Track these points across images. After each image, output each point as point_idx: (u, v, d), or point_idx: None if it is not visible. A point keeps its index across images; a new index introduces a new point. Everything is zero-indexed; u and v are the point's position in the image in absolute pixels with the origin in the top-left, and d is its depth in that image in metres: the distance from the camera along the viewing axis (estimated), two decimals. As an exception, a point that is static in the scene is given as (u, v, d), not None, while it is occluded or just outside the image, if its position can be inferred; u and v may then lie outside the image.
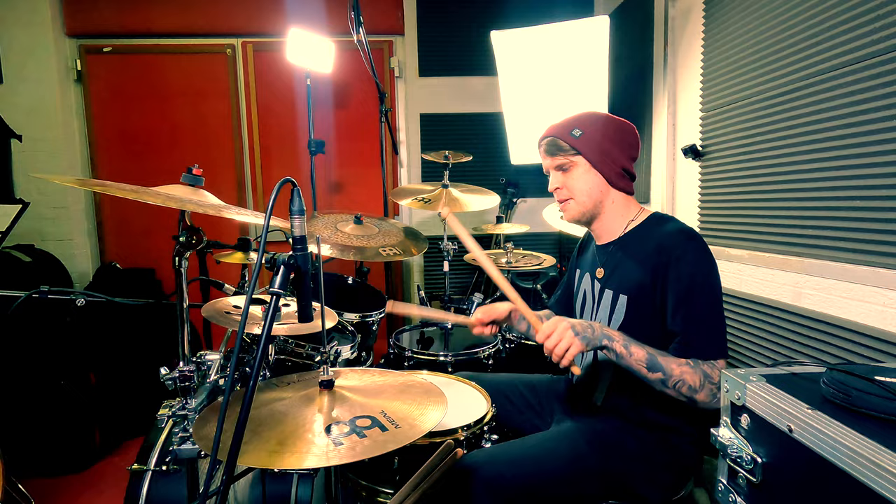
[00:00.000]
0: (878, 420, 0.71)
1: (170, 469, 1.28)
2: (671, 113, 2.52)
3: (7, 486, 1.62)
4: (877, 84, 1.40)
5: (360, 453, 0.86)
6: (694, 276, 1.16)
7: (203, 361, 1.24)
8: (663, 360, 1.13)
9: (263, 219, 0.86)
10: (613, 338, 1.15)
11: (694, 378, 1.11)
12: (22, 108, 3.20)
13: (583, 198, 1.31)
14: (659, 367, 1.12)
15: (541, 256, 2.58)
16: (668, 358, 1.14)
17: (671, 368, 1.12)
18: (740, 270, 1.99)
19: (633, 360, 1.13)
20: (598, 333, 1.14)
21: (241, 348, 1.70)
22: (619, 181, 1.30)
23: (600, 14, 2.87)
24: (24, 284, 2.27)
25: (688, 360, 1.13)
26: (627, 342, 1.14)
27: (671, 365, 1.12)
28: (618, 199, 1.32)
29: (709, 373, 1.12)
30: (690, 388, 1.11)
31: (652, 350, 1.14)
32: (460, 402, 1.44)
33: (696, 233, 1.23)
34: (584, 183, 1.30)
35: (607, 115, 1.32)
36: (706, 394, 1.11)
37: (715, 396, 1.11)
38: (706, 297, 1.16)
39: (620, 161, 1.29)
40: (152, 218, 3.40)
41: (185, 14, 3.35)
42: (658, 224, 1.28)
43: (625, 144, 1.30)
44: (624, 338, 1.15)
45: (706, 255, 1.19)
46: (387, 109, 2.84)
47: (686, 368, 1.12)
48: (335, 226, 2.13)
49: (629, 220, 1.32)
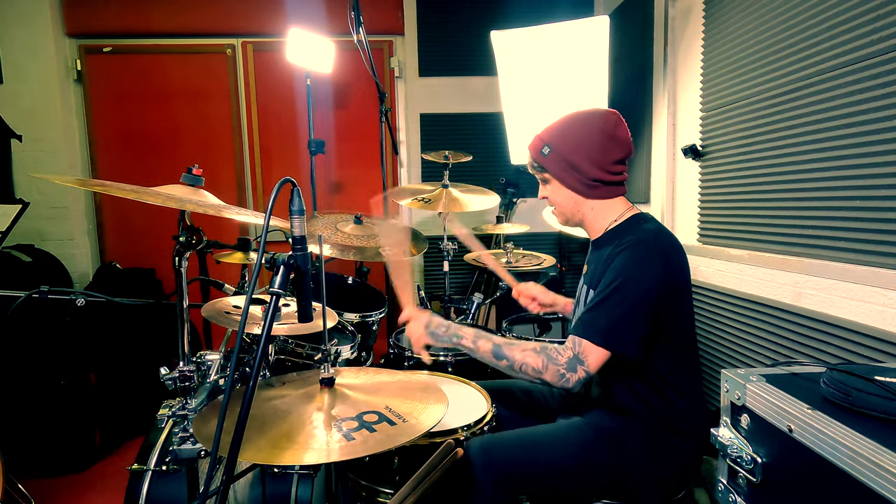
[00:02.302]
0: (878, 420, 0.71)
1: (170, 469, 1.28)
2: (671, 113, 2.52)
3: (7, 486, 1.61)
4: (877, 84, 1.40)
5: (374, 447, 0.87)
6: (614, 272, 1.18)
7: (203, 361, 1.24)
8: (507, 349, 1.23)
9: (263, 219, 0.86)
10: (463, 336, 1.28)
11: (536, 361, 1.18)
12: (22, 108, 3.20)
13: (561, 208, 1.36)
14: (503, 356, 1.23)
15: (541, 256, 2.58)
16: (514, 346, 1.23)
17: (513, 355, 1.21)
18: (740, 270, 1.99)
19: (481, 353, 1.26)
20: (450, 332, 1.29)
21: (241, 348, 1.70)
22: (591, 192, 1.29)
23: (600, 14, 2.87)
24: (24, 284, 2.26)
25: (535, 345, 1.21)
26: (477, 338, 1.27)
27: (514, 352, 1.21)
28: (597, 205, 1.32)
29: (553, 356, 1.17)
30: (535, 370, 1.18)
31: (499, 341, 1.26)
32: (460, 402, 1.44)
33: (656, 237, 1.22)
34: (559, 196, 1.34)
35: (582, 122, 1.29)
36: (552, 374, 1.17)
37: (563, 377, 1.16)
38: (618, 291, 1.16)
39: (589, 173, 1.26)
40: (152, 218, 3.40)
41: (185, 14, 3.35)
42: (633, 225, 1.29)
43: (596, 153, 1.26)
44: (475, 335, 1.28)
45: (645, 258, 1.18)
46: (387, 109, 2.83)
47: (529, 353, 1.20)
48: (335, 226, 2.13)
49: (611, 220, 1.32)
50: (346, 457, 0.85)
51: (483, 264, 2.61)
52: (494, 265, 1.88)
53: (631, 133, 1.31)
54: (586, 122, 1.28)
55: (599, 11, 3.37)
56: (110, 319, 2.65)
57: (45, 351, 2.37)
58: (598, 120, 1.27)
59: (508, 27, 2.59)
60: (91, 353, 2.50)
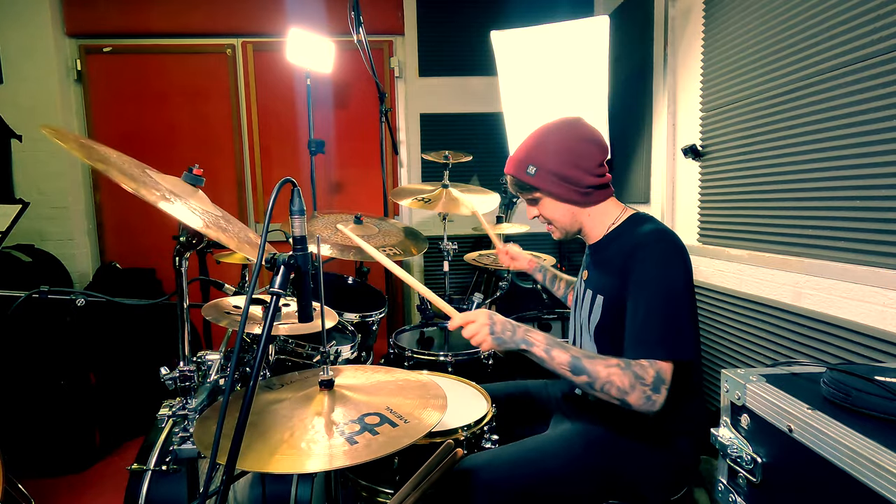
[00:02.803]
0: (878, 420, 0.71)
1: (170, 469, 1.27)
2: (671, 113, 2.52)
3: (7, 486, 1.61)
4: (877, 84, 1.40)
5: (377, 450, 0.85)
6: (649, 277, 1.15)
7: (203, 361, 1.24)
8: (589, 363, 1.10)
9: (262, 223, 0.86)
10: (533, 342, 1.14)
11: (623, 380, 1.08)
12: (22, 108, 3.20)
13: (559, 223, 1.33)
14: (584, 371, 1.10)
15: (541, 256, 2.58)
16: (597, 360, 1.11)
17: (597, 371, 1.09)
18: (740, 270, 1.99)
19: (555, 364, 1.12)
20: (517, 337, 1.14)
21: (241, 348, 1.70)
22: (587, 199, 1.29)
23: (600, 14, 2.86)
24: (24, 284, 2.27)
25: (619, 361, 1.10)
26: (550, 347, 1.13)
27: (597, 367, 1.10)
28: (594, 210, 1.31)
29: (640, 374, 1.07)
30: (620, 389, 1.08)
31: (579, 353, 1.13)
32: (460, 402, 1.44)
33: (669, 234, 1.21)
34: (555, 212, 1.31)
35: (558, 133, 1.28)
36: (637, 396, 1.07)
37: (649, 399, 1.07)
38: (656, 297, 1.14)
39: (583, 181, 1.26)
40: (152, 218, 3.40)
41: (185, 14, 3.35)
42: (635, 225, 1.28)
43: (583, 160, 1.25)
44: (547, 342, 1.14)
45: (669, 257, 1.17)
46: (387, 109, 2.84)
47: (615, 370, 1.09)
48: (335, 226, 2.13)
49: (610, 223, 1.32)
50: (350, 462, 0.83)
51: (482, 264, 2.62)
52: (487, 228, 1.89)
53: (631, 133, 1.31)
54: (562, 132, 1.27)
55: (599, 11, 3.37)
56: (110, 319, 2.65)
57: (45, 351, 2.37)
58: (572, 128, 1.27)
59: (508, 27, 2.59)
60: (91, 353, 2.50)
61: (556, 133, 1.28)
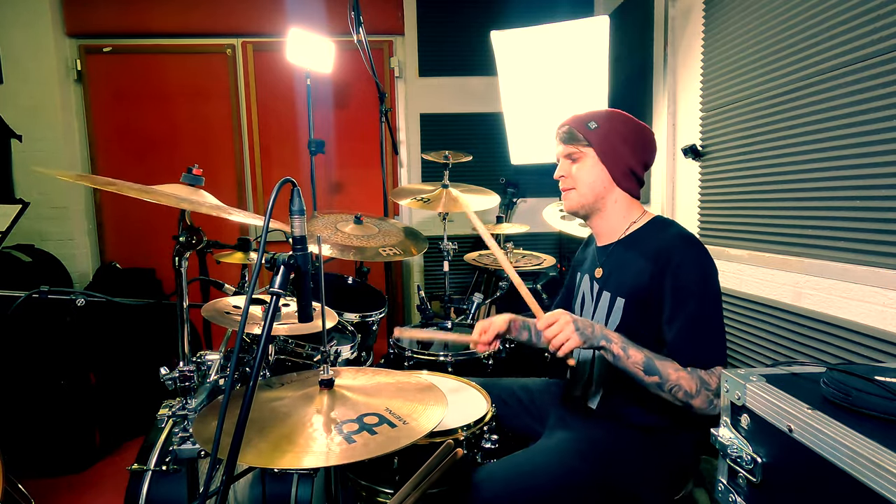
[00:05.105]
0: (878, 420, 0.71)
1: (170, 469, 1.28)
2: (671, 113, 2.52)
3: (7, 486, 1.61)
4: (877, 84, 1.40)
5: (375, 449, 0.86)
6: (691, 283, 1.16)
7: (203, 361, 1.24)
8: (660, 364, 1.13)
9: (262, 219, 0.86)
10: (612, 339, 1.15)
11: (690, 384, 1.11)
12: (22, 108, 3.20)
13: (585, 189, 1.32)
14: (656, 371, 1.12)
15: (541, 256, 2.59)
16: (666, 362, 1.13)
17: (668, 373, 1.12)
18: (740, 270, 1.99)
19: (630, 363, 1.13)
20: (597, 333, 1.15)
21: (241, 348, 1.70)
22: (624, 180, 1.31)
23: (600, 14, 2.86)
24: (24, 284, 2.26)
25: (682, 367, 1.13)
26: (626, 345, 1.14)
27: (668, 369, 1.12)
28: (621, 199, 1.32)
29: (706, 379, 1.12)
30: (686, 393, 1.11)
31: (650, 353, 1.14)
32: (460, 402, 1.44)
33: (697, 239, 1.23)
34: (589, 175, 1.31)
35: (628, 117, 1.33)
36: (702, 400, 1.11)
37: (711, 403, 1.11)
38: (703, 304, 1.16)
39: (629, 161, 1.29)
40: (152, 218, 3.40)
41: (185, 14, 3.35)
42: (660, 228, 1.29)
43: (638, 147, 1.31)
44: (623, 340, 1.15)
45: (706, 262, 1.20)
46: (387, 109, 2.84)
47: (683, 374, 1.12)
48: (335, 226, 2.13)
49: (631, 221, 1.33)
50: (347, 460, 0.84)
51: (482, 264, 2.62)
52: (525, 294, 1.46)
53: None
54: (631, 120, 1.33)
55: (599, 11, 3.37)
56: (110, 319, 2.65)
57: (45, 351, 2.37)
58: (639, 123, 1.33)
59: (508, 27, 2.59)
60: (91, 353, 2.50)
61: (626, 117, 1.33)
